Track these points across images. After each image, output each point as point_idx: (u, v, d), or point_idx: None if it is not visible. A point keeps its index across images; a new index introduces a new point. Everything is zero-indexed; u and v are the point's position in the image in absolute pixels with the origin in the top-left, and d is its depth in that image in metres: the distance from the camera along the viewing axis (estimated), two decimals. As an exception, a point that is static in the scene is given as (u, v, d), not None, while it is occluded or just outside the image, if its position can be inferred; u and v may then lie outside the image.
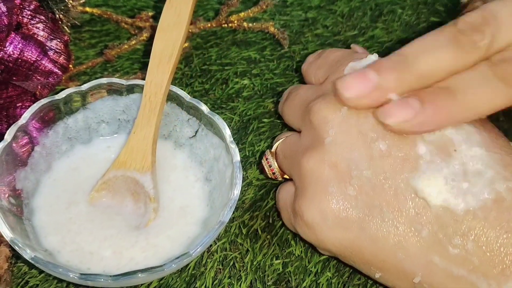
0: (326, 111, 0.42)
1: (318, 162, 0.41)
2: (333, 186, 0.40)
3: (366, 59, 0.43)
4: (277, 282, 0.44)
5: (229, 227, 0.46)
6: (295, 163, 0.43)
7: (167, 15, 0.47)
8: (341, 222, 0.40)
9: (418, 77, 0.38)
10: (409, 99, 0.38)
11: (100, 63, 0.56)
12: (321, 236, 0.41)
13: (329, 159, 0.41)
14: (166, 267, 0.39)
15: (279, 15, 0.61)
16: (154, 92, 0.45)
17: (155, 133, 0.45)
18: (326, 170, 0.40)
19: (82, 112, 0.47)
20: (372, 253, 0.40)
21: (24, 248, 0.39)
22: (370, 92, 0.39)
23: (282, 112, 0.49)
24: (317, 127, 0.42)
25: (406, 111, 0.38)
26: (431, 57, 0.38)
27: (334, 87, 0.40)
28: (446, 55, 0.38)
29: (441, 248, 0.38)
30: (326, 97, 0.42)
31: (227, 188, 0.43)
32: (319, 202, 0.40)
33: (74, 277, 0.38)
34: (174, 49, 0.46)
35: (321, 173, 0.41)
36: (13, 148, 0.43)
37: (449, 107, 0.38)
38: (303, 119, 0.44)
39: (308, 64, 0.49)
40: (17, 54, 0.49)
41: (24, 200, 0.44)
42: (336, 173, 0.40)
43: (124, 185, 0.45)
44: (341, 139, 0.41)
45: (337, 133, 0.41)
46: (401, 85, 0.38)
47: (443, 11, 0.61)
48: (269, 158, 0.47)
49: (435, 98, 0.38)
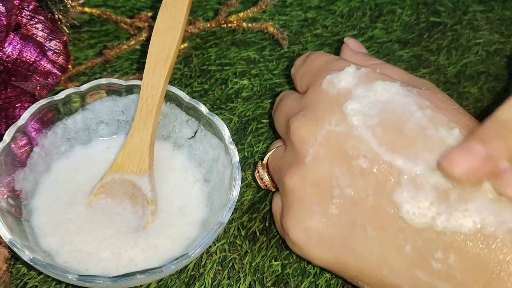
0: (304, 130, 0.41)
1: (300, 180, 0.41)
2: (316, 205, 0.40)
3: (343, 72, 0.42)
4: (276, 284, 0.44)
5: (228, 228, 0.46)
6: (280, 179, 0.43)
7: (163, 18, 0.47)
8: (325, 240, 0.40)
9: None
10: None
11: (99, 64, 0.56)
12: (307, 254, 0.41)
13: (310, 178, 0.41)
14: (165, 268, 0.39)
15: (278, 15, 0.60)
16: (151, 95, 0.45)
17: (152, 135, 0.45)
18: (308, 189, 0.41)
19: (81, 113, 0.47)
20: (357, 269, 0.40)
21: (23, 249, 0.39)
22: (481, 166, 0.36)
23: (274, 119, 0.48)
24: (296, 146, 0.42)
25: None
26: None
27: (440, 166, 0.37)
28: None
29: (424, 263, 0.37)
30: (306, 113, 0.42)
31: (226, 189, 0.43)
32: (303, 221, 0.41)
33: (73, 279, 0.38)
34: (170, 52, 0.46)
35: (303, 192, 0.41)
36: (12, 149, 0.43)
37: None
38: (286, 133, 0.44)
39: (296, 68, 0.48)
40: (16, 55, 0.49)
41: (23, 201, 0.44)
42: (318, 191, 0.40)
43: (122, 188, 0.45)
44: (322, 158, 0.40)
45: (317, 152, 0.41)
46: (509, 151, 0.35)
47: (443, 11, 0.61)
48: (260, 171, 0.47)
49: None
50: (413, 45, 0.59)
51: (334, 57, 0.46)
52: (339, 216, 0.40)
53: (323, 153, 0.40)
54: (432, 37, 0.59)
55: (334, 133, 0.40)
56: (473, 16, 0.61)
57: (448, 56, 0.58)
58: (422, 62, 0.57)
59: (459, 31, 0.60)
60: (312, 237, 0.41)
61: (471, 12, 0.61)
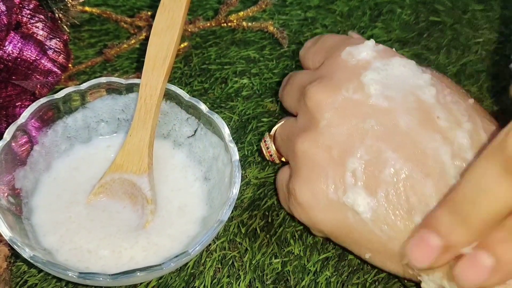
0: (321, 95, 0.42)
1: (313, 144, 0.42)
2: (326, 169, 0.41)
3: (363, 45, 0.44)
4: (276, 281, 0.44)
5: (228, 226, 0.46)
6: (291, 145, 0.43)
7: (161, 18, 0.48)
8: (332, 204, 0.41)
9: (482, 224, 0.35)
10: (481, 257, 0.36)
11: (99, 63, 0.56)
12: (313, 216, 0.42)
13: (323, 142, 0.41)
14: (165, 266, 0.39)
15: (278, 15, 0.60)
16: (150, 94, 0.46)
17: (151, 135, 0.45)
18: (320, 153, 0.41)
19: (81, 111, 0.47)
20: (361, 234, 0.41)
21: (23, 247, 0.39)
22: (441, 255, 0.37)
23: (281, 98, 0.49)
24: (312, 111, 0.42)
25: (480, 274, 0.36)
26: (489, 199, 0.35)
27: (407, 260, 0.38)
28: (505, 193, 0.34)
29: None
30: (322, 80, 0.43)
31: (226, 187, 0.43)
32: (312, 184, 0.41)
33: (73, 276, 0.38)
34: (169, 52, 0.47)
35: (314, 156, 0.41)
36: (12, 147, 0.43)
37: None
38: (299, 102, 0.44)
39: (306, 50, 0.49)
40: (16, 53, 0.49)
41: (23, 199, 0.44)
42: (330, 156, 0.41)
43: (122, 188, 0.45)
44: (337, 123, 0.41)
45: (333, 117, 0.41)
46: (468, 238, 0.36)
47: (442, 10, 0.61)
48: (267, 141, 0.47)
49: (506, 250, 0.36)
50: (412, 44, 0.59)
51: (347, 37, 0.48)
52: (348, 180, 0.40)
53: (339, 119, 0.41)
54: (431, 36, 0.59)
55: (351, 100, 0.41)
56: (472, 15, 0.61)
57: (447, 55, 0.58)
58: (422, 61, 0.57)
59: (458, 30, 0.60)
60: (319, 200, 0.41)
61: (470, 11, 0.62)
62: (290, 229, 0.46)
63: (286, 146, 0.45)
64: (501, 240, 0.36)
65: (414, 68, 0.43)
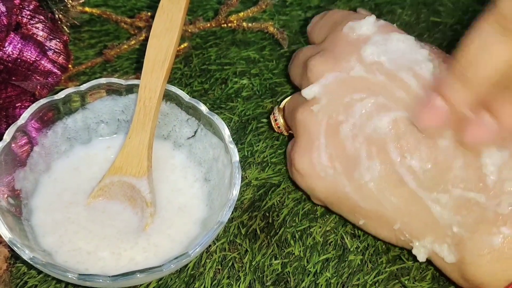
0: (321, 66, 0.44)
1: (310, 114, 0.44)
2: (322, 137, 0.43)
3: (364, 20, 0.46)
4: (276, 283, 0.44)
5: (228, 227, 0.46)
6: (292, 116, 0.45)
7: (160, 21, 0.48)
8: (328, 170, 0.43)
9: (483, 82, 0.38)
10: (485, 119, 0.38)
11: (99, 63, 0.56)
12: (310, 183, 0.44)
13: (321, 111, 0.43)
14: (165, 268, 0.39)
15: (278, 15, 0.60)
16: (149, 97, 0.46)
17: (151, 138, 0.45)
18: (317, 123, 0.43)
19: (81, 112, 0.47)
20: (355, 200, 0.42)
21: (23, 249, 0.39)
22: (447, 117, 0.39)
23: (289, 73, 0.51)
24: (312, 82, 0.44)
25: (485, 133, 0.38)
26: (488, 58, 0.37)
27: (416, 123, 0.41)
28: (501, 51, 0.37)
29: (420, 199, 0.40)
30: (324, 53, 0.45)
31: (226, 188, 0.43)
32: (309, 152, 0.43)
33: (73, 278, 0.38)
34: (167, 55, 0.47)
35: (311, 125, 0.43)
36: (12, 149, 0.43)
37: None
38: (303, 76, 0.46)
39: (313, 25, 0.51)
40: (16, 54, 0.49)
41: (23, 200, 0.44)
42: (326, 125, 0.43)
43: (121, 191, 0.45)
44: (334, 94, 0.43)
45: (331, 88, 0.43)
46: (470, 97, 0.38)
47: (443, 11, 0.61)
48: (275, 113, 0.49)
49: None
50: (413, 45, 0.59)
51: (353, 12, 0.49)
52: (343, 148, 0.42)
53: (337, 90, 0.43)
54: (432, 37, 0.59)
55: (349, 73, 0.43)
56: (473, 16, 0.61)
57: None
58: (422, 62, 0.57)
59: (459, 30, 0.60)
60: (316, 167, 0.43)
61: (471, 11, 0.61)
62: (291, 230, 0.46)
63: (291, 117, 0.47)
64: (502, 100, 0.37)
65: (412, 44, 0.45)
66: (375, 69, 0.43)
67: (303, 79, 0.46)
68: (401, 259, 0.45)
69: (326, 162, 0.43)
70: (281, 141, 0.51)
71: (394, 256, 0.45)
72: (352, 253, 0.45)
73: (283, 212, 0.47)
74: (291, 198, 0.48)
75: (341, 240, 0.46)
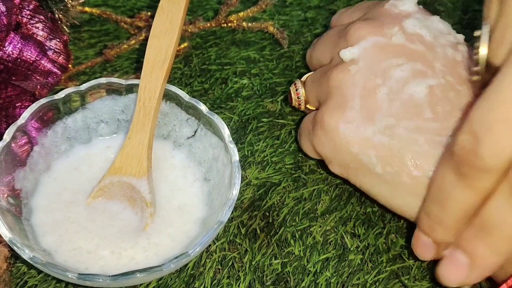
0: (364, 30, 0.45)
1: (347, 74, 0.44)
2: (357, 98, 0.43)
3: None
4: (276, 282, 0.44)
5: (228, 227, 0.46)
6: (324, 81, 0.45)
7: (159, 21, 0.48)
8: (358, 131, 0.43)
9: (455, 223, 0.39)
10: (457, 256, 0.40)
11: (99, 63, 0.56)
12: (337, 142, 0.43)
13: (359, 73, 0.43)
14: (165, 267, 0.39)
15: (278, 15, 0.60)
16: (148, 97, 0.46)
17: (150, 138, 0.45)
18: (353, 83, 0.43)
19: (81, 112, 0.47)
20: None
21: (23, 248, 0.39)
22: (433, 254, 0.41)
23: (311, 55, 0.51)
24: (353, 44, 0.45)
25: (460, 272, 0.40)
26: (451, 203, 0.38)
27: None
28: (461, 196, 0.37)
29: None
30: (367, 20, 0.46)
31: (226, 188, 0.43)
32: (342, 111, 0.43)
33: (73, 277, 0.38)
34: (167, 55, 0.47)
35: (347, 85, 0.44)
36: (12, 148, 0.43)
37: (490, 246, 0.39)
38: (337, 44, 0.46)
39: (340, 14, 0.52)
40: (16, 54, 0.49)
41: (23, 200, 0.44)
42: (363, 87, 0.43)
43: (121, 191, 0.45)
44: (375, 59, 0.44)
45: (371, 52, 0.44)
46: (447, 237, 0.40)
47: (443, 11, 0.61)
48: (297, 84, 0.50)
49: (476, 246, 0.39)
50: (413, 45, 0.59)
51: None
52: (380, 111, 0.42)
53: (375, 54, 0.44)
54: (432, 36, 0.59)
55: (390, 39, 0.44)
56: (473, 16, 0.61)
57: (448, 56, 0.58)
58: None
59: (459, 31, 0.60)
60: (346, 126, 0.43)
61: (471, 12, 0.61)
62: (291, 229, 0.46)
63: (317, 85, 0.47)
64: (471, 237, 0.38)
65: (451, 28, 0.47)
66: (415, 39, 0.44)
67: (338, 47, 0.46)
68: (401, 258, 0.45)
69: (357, 123, 0.43)
70: (281, 141, 0.51)
71: (395, 255, 0.45)
72: (352, 253, 0.45)
73: (283, 211, 0.47)
74: (291, 197, 0.48)
75: (341, 240, 0.46)
